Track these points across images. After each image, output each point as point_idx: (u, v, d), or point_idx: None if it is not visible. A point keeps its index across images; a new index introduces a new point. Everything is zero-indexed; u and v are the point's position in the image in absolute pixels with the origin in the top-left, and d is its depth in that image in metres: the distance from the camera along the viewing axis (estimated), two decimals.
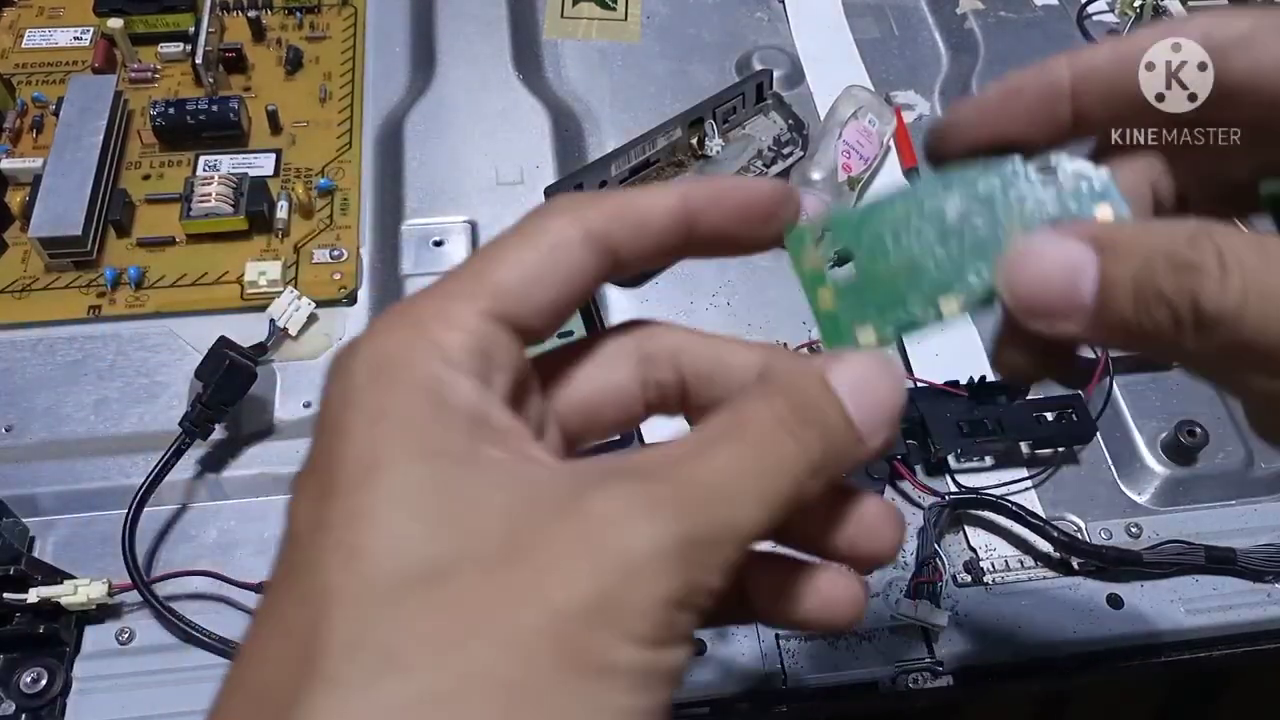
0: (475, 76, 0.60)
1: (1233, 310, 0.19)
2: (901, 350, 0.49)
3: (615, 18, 0.63)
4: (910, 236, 0.23)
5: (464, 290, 0.21)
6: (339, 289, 0.50)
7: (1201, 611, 0.43)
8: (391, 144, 0.57)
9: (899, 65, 0.62)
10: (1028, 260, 0.22)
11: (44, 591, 0.38)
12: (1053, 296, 0.22)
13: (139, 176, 0.54)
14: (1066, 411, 0.45)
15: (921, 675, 0.41)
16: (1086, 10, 0.65)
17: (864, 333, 0.23)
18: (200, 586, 0.41)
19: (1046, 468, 0.46)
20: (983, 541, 0.44)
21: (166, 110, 0.54)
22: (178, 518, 0.44)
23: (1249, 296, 0.19)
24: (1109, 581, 0.43)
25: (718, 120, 0.54)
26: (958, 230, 0.23)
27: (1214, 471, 0.47)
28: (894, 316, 0.23)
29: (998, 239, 0.23)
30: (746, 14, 0.64)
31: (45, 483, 0.44)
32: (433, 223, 0.54)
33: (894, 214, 0.23)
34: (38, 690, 0.38)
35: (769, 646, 0.41)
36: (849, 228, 0.23)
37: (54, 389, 0.46)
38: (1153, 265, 0.20)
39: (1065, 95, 0.23)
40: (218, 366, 0.43)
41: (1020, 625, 0.42)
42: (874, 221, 0.23)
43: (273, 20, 0.61)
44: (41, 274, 0.50)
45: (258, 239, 0.52)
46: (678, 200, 0.23)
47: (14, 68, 0.58)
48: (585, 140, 0.57)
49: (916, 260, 0.23)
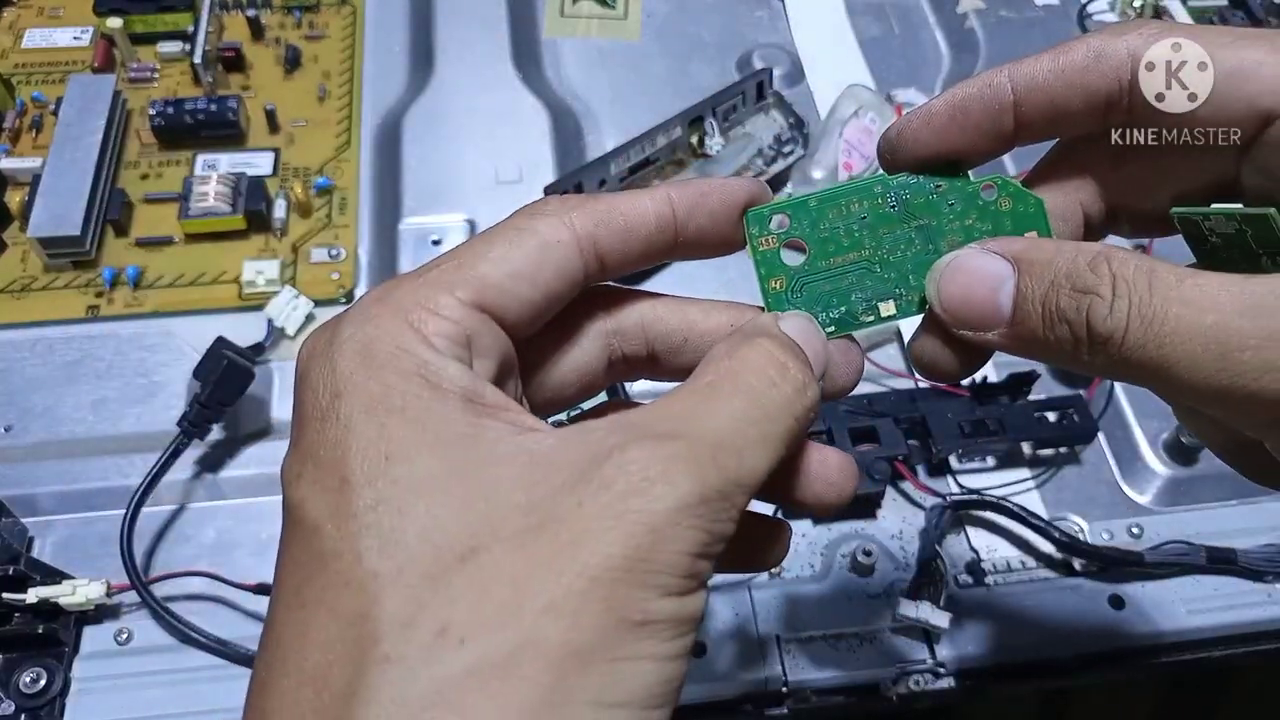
0: (474, 75, 0.60)
1: (1118, 332, 0.21)
2: (902, 349, 0.49)
3: (615, 16, 0.63)
4: (859, 237, 0.25)
5: (446, 280, 0.21)
6: (337, 288, 0.50)
7: (1203, 612, 0.42)
8: (390, 143, 0.56)
9: (900, 64, 0.62)
10: (955, 274, 0.24)
11: (43, 592, 0.38)
12: (975, 309, 0.23)
13: (137, 176, 0.53)
14: (1068, 412, 0.45)
15: (923, 677, 0.41)
16: (1087, 10, 0.65)
17: None
18: (198, 587, 0.41)
19: (1048, 468, 0.46)
20: (984, 542, 0.44)
21: (165, 110, 0.54)
22: (176, 518, 0.43)
23: (1131, 321, 0.21)
24: (1111, 582, 0.43)
25: (718, 119, 0.54)
26: (904, 238, 0.25)
27: (1215, 472, 0.46)
28: (836, 313, 0.25)
29: (938, 251, 0.25)
30: (746, 12, 0.64)
31: (44, 483, 0.44)
32: (431, 222, 0.54)
33: (848, 213, 0.25)
34: (37, 690, 0.38)
35: (769, 647, 0.41)
36: (806, 218, 0.25)
37: (52, 389, 0.46)
38: (1058, 286, 0.22)
39: (1009, 109, 0.24)
40: (215, 366, 0.43)
41: (1022, 626, 0.42)
42: (829, 216, 0.25)
43: (271, 19, 0.61)
44: (40, 274, 0.50)
45: (256, 238, 0.51)
46: (663, 204, 0.24)
47: (14, 67, 0.58)
48: (585, 139, 0.57)
49: (863, 262, 0.25)
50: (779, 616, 0.41)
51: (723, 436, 0.20)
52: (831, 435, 0.44)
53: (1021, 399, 0.46)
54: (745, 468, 0.20)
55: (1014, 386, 0.46)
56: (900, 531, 0.44)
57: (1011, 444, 0.45)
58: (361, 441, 0.19)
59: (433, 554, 0.18)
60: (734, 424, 0.21)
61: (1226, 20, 0.62)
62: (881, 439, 0.44)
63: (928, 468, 0.46)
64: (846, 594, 0.42)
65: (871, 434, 0.44)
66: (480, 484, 0.19)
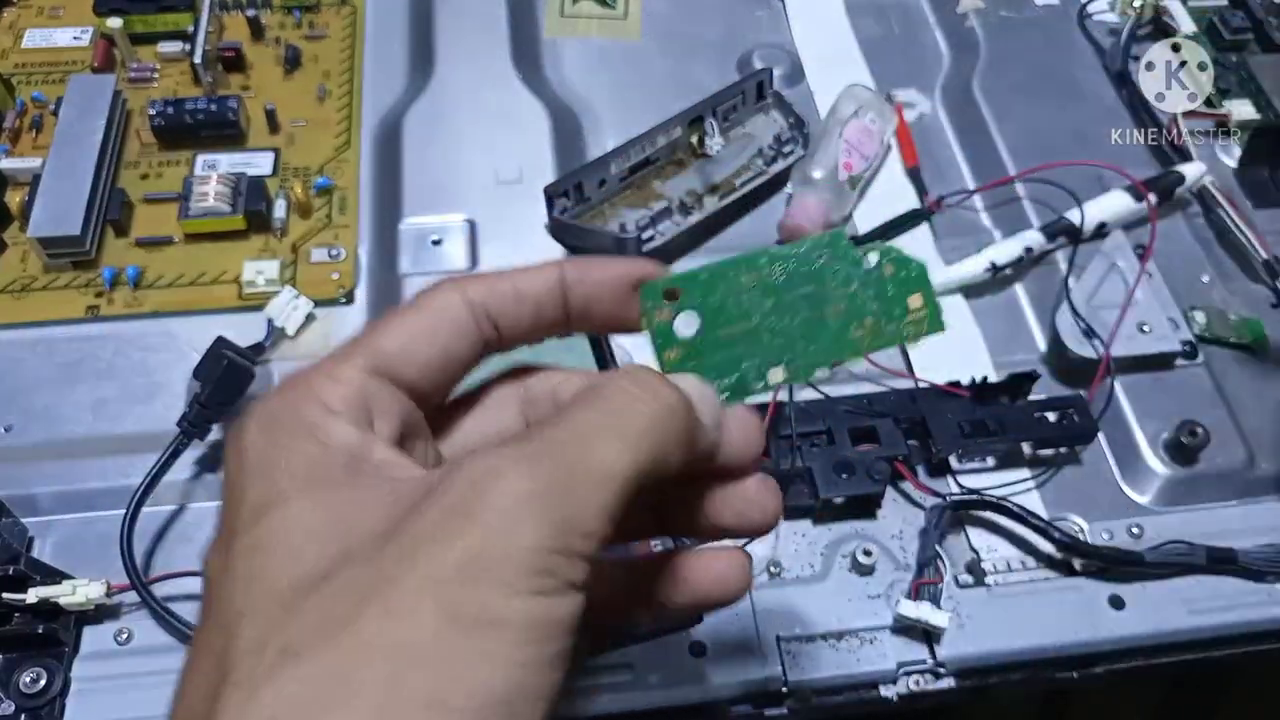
0: (474, 75, 0.60)
1: None
2: (902, 350, 0.49)
3: (615, 16, 0.63)
4: (749, 308, 0.26)
5: (349, 352, 0.23)
6: (337, 288, 0.50)
7: (1203, 612, 0.42)
8: (390, 143, 0.56)
9: (900, 64, 0.62)
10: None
11: (43, 592, 0.38)
12: None
13: (137, 176, 0.53)
14: (1068, 412, 0.45)
15: (923, 676, 0.41)
16: (1087, 10, 0.65)
17: None
18: (198, 587, 0.41)
19: (1048, 468, 0.46)
20: (984, 542, 0.44)
21: (165, 110, 0.54)
22: (176, 518, 0.43)
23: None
24: (1111, 582, 0.43)
25: (718, 119, 0.54)
26: (791, 306, 0.26)
27: (1215, 471, 0.47)
28: (730, 380, 0.26)
29: (824, 319, 0.26)
30: (747, 12, 0.64)
31: (44, 483, 0.44)
32: (431, 222, 0.54)
33: (738, 284, 0.26)
34: (37, 690, 0.38)
35: (769, 647, 0.41)
36: (697, 290, 0.26)
37: (52, 389, 0.46)
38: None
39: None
40: (216, 367, 0.43)
41: (1022, 626, 0.42)
42: (719, 289, 0.26)
43: (271, 19, 0.61)
44: (40, 274, 0.50)
45: (256, 238, 0.51)
46: (553, 273, 0.25)
47: (13, 67, 0.58)
48: (585, 139, 0.57)
49: (753, 331, 0.26)
50: (779, 616, 0.41)
51: (569, 434, 0.21)
52: (832, 435, 0.44)
53: (1021, 399, 0.46)
54: (594, 458, 0.20)
55: (1014, 387, 0.46)
56: (900, 531, 0.44)
57: (1011, 444, 0.45)
58: (250, 497, 0.21)
59: (289, 585, 0.19)
60: (583, 422, 0.21)
61: (1226, 21, 0.61)
62: (881, 439, 0.44)
63: (928, 468, 0.46)
64: (846, 594, 0.42)
65: (871, 434, 0.44)
66: (345, 520, 0.20)
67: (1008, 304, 0.52)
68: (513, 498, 0.19)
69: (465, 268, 0.52)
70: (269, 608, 0.19)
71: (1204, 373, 0.50)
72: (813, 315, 0.26)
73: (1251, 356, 0.50)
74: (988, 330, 0.50)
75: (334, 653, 0.18)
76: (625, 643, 0.39)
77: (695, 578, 0.25)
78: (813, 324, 0.26)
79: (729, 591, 0.26)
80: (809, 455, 0.44)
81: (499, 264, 0.51)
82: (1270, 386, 0.49)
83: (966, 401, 0.45)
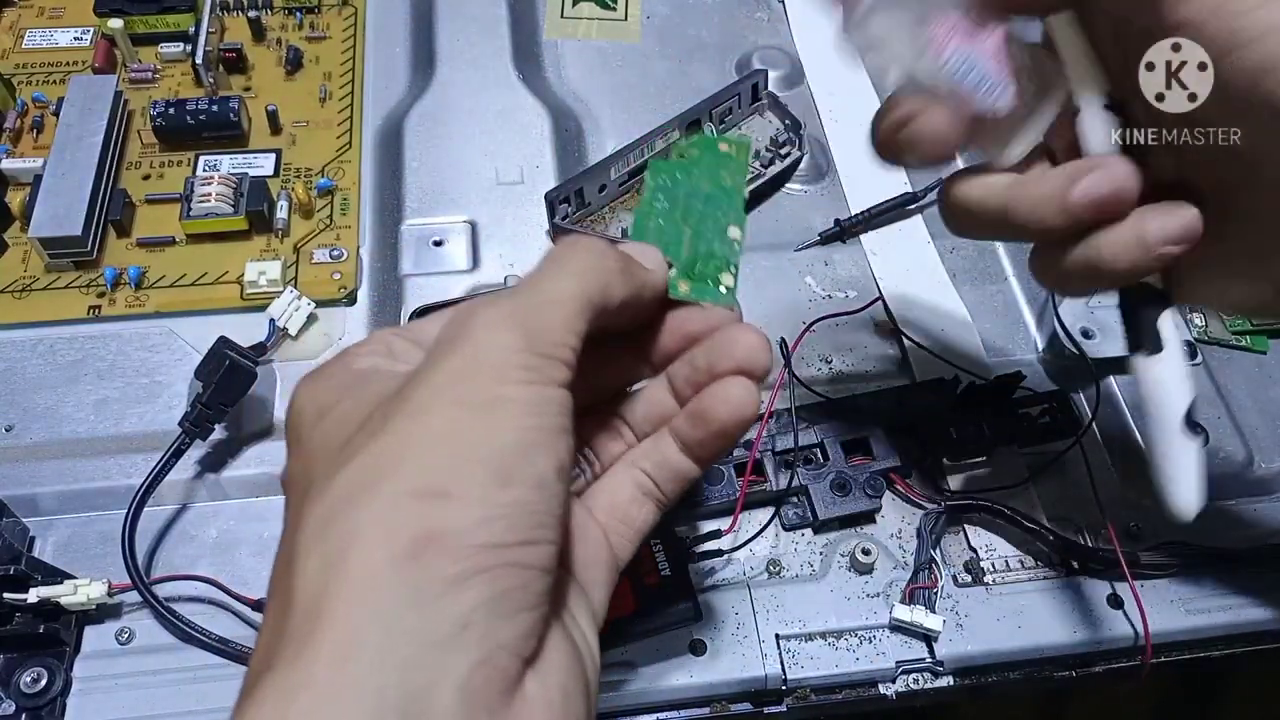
0: (475, 76, 0.60)
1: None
2: (901, 350, 0.49)
3: (615, 18, 0.63)
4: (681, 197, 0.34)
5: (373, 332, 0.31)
6: (339, 289, 0.50)
7: (1201, 611, 0.43)
8: (391, 144, 0.57)
9: None
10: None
11: (44, 591, 0.38)
12: None
13: (139, 176, 0.54)
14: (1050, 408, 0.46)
15: (922, 675, 0.41)
16: None
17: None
18: (200, 587, 0.41)
19: (1045, 468, 0.46)
20: (983, 541, 0.44)
21: (166, 110, 0.54)
22: (178, 518, 0.44)
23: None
24: (1110, 582, 0.43)
25: (714, 121, 0.54)
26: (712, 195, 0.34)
27: (1214, 471, 0.46)
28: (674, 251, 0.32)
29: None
30: (746, 14, 0.64)
31: (45, 483, 0.44)
32: (432, 223, 0.54)
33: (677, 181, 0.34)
34: (38, 690, 0.38)
35: (769, 646, 0.41)
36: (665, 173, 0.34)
37: (54, 389, 0.46)
38: None
39: None
40: (218, 366, 0.43)
41: (1021, 625, 0.42)
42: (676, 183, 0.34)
43: (273, 20, 0.61)
44: (41, 274, 0.50)
45: (258, 239, 0.52)
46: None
47: (14, 68, 0.58)
48: (585, 140, 0.57)
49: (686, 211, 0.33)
50: (778, 615, 0.42)
51: (527, 280, 0.27)
52: (825, 449, 0.44)
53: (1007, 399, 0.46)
54: (546, 287, 0.26)
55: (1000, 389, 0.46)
56: (899, 531, 0.44)
57: (1005, 446, 0.45)
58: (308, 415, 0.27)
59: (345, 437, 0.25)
60: (537, 271, 0.27)
61: None
62: (875, 451, 0.44)
63: (921, 473, 0.46)
64: (845, 593, 0.42)
65: (864, 445, 0.44)
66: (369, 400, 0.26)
67: (1005, 302, 0.52)
68: (491, 320, 0.25)
69: (466, 269, 0.52)
70: (330, 451, 0.25)
71: (1203, 373, 0.50)
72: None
73: (1251, 356, 0.51)
74: (984, 331, 0.51)
75: (378, 442, 0.24)
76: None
77: (728, 350, 0.30)
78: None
79: (757, 363, 0.30)
80: (804, 475, 0.44)
81: (500, 265, 0.52)
82: (1269, 386, 0.50)
83: (959, 405, 0.45)
